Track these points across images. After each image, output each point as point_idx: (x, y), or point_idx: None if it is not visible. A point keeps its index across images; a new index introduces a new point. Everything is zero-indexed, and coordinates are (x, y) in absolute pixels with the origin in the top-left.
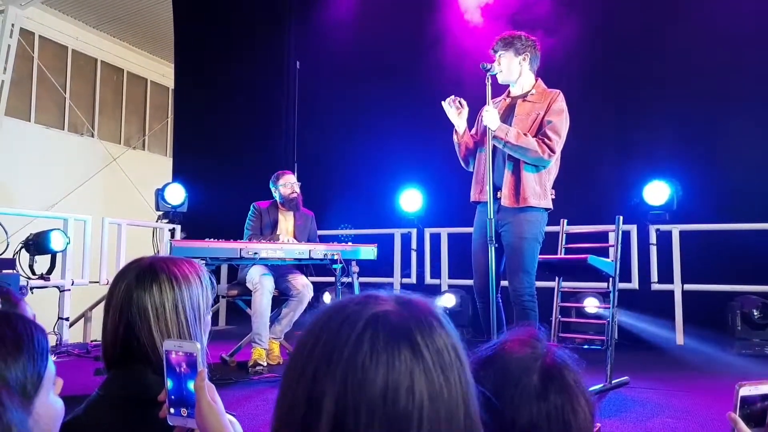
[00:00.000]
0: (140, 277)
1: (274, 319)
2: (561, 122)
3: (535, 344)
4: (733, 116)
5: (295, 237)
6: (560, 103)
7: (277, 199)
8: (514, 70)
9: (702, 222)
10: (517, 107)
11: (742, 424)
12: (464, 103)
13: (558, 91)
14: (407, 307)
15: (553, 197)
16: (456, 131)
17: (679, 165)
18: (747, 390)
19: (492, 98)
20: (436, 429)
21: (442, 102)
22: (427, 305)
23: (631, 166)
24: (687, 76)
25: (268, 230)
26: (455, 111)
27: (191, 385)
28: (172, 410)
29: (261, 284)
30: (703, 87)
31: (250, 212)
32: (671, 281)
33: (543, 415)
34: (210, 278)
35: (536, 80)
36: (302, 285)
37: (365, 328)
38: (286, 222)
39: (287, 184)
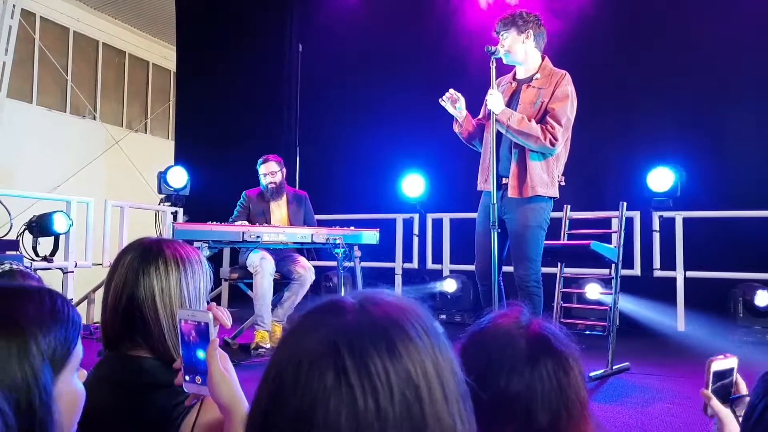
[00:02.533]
0: (146, 254)
1: (277, 302)
2: (564, 108)
3: (519, 317)
4: (738, 103)
5: (290, 222)
6: (564, 87)
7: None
8: (519, 50)
9: (706, 209)
10: (521, 93)
11: (716, 401)
12: (459, 95)
13: (563, 72)
14: (364, 313)
15: (563, 184)
16: (456, 121)
17: (684, 151)
18: (718, 365)
19: (498, 78)
20: None
21: (439, 100)
22: (386, 309)
23: (636, 152)
24: (693, 61)
25: (260, 219)
26: (451, 104)
27: (202, 354)
28: (186, 378)
29: (261, 267)
30: (708, 73)
31: (239, 200)
32: (674, 268)
33: (536, 378)
34: (208, 265)
35: (543, 59)
36: (303, 268)
37: (334, 341)
38: (279, 209)
39: (265, 173)
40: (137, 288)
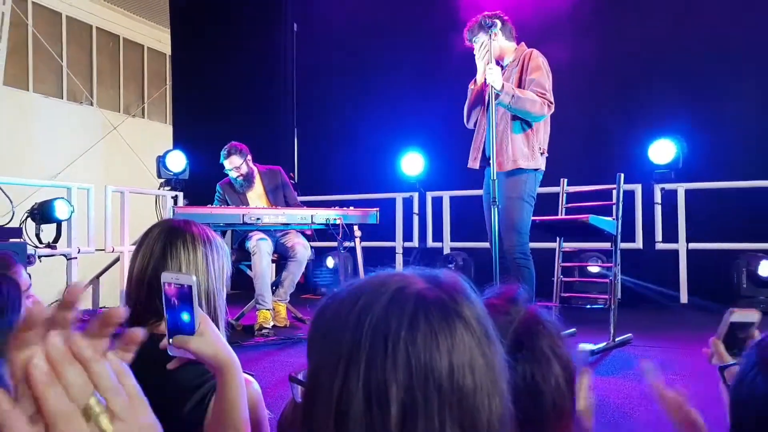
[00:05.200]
0: (173, 230)
1: (278, 283)
2: (542, 77)
3: (509, 309)
4: (739, 73)
5: (270, 203)
6: (536, 59)
7: None
8: (493, 48)
9: (707, 180)
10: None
11: (722, 349)
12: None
13: (531, 50)
14: (437, 282)
15: (546, 155)
16: (475, 81)
17: (685, 123)
18: (737, 316)
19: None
20: (493, 400)
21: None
22: (454, 278)
23: (637, 125)
24: (692, 31)
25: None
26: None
27: (187, 317)
28: (171, 341)
29: (258, 248)
30: (709, 43)
31: (216, 193)
32: (676, 240)
33: (510, 386)
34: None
35: (517, 46)
36: (300, 245)
37: (416, 307)
38: (255, 194)
39: (230, 168)
40: (164, 260)
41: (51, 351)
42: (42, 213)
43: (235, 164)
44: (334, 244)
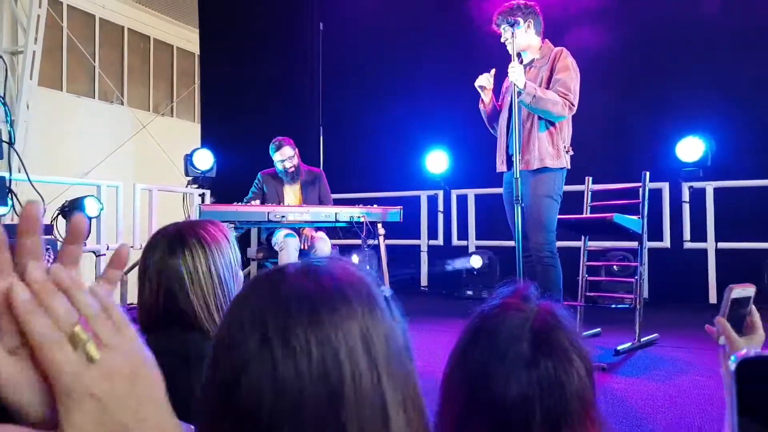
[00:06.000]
0: (171, 245)
1: None
2: (569, 77)
3: (523, 307)
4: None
5: (302, 199)
6: (564, 60)
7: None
8: (522, 39)
9: (737, 179)
10: (525, 75)
11: (730, 330)
12: (491, 79)
13: (561, 48)
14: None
15: (571, 154)
16: (482, 101)
17: (713, 120)
18: (738, 292)
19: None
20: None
21: (481, 77)
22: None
23: (665, 121)
24: (720, 27)
25: (274, 200)
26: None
27: None
28: None
29: (286, 243)
30: (737, 39)
31: (255, 180)
32: (705, 239)
33: (534, 383)
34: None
35: (543, 42)
36: (320, 240)
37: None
38: (293, 190)
39: (282, 159)
40: (170, 280)
41: (32, 280)
42: (72, 210)
43: (288, 155)
44: (359, 241)
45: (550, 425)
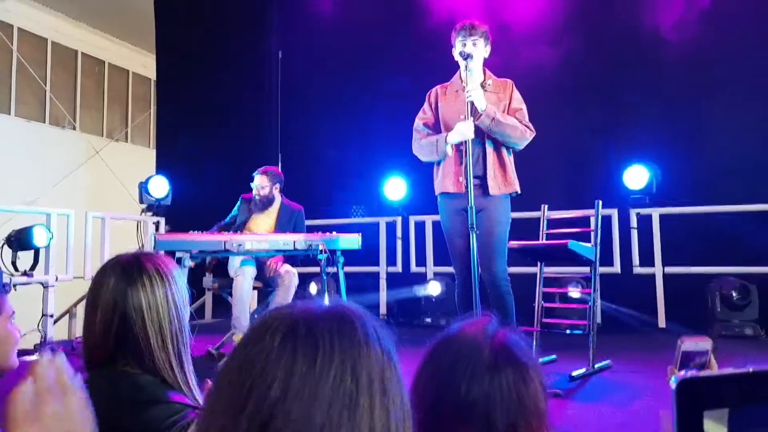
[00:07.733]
0: (128, 273)
1: (260, 312)
2: (525, 111)
3: (486, 327)
4: (711, 99)
5: (273, 231)
6: (518, 93)
7: None
8: (480, 58)
9: (681, 205)
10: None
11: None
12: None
13: (511, 81)
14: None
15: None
16: (448, 139)
17: (658, 149)
18: (688, 345)
19: (441, 84)
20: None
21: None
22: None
23: (612, 151)
24: (665, 59)
25: (241, 227)
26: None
27: None
28: None
29: (242, 270)
30: (682, 70)
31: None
32: (652, 264)
33: (495, 387)
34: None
35: (484, 69)
36: (286, 272)
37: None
38: (267, 219)
39: (256, 185)
40: (126, 308)
41: None
42: (20, 240)
43: (261, 183)
44: (317, 269)
45: (507, 428)
